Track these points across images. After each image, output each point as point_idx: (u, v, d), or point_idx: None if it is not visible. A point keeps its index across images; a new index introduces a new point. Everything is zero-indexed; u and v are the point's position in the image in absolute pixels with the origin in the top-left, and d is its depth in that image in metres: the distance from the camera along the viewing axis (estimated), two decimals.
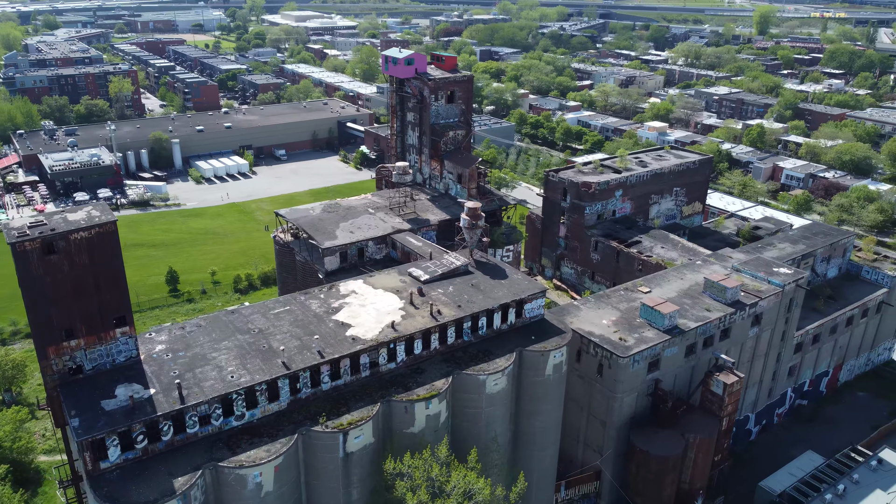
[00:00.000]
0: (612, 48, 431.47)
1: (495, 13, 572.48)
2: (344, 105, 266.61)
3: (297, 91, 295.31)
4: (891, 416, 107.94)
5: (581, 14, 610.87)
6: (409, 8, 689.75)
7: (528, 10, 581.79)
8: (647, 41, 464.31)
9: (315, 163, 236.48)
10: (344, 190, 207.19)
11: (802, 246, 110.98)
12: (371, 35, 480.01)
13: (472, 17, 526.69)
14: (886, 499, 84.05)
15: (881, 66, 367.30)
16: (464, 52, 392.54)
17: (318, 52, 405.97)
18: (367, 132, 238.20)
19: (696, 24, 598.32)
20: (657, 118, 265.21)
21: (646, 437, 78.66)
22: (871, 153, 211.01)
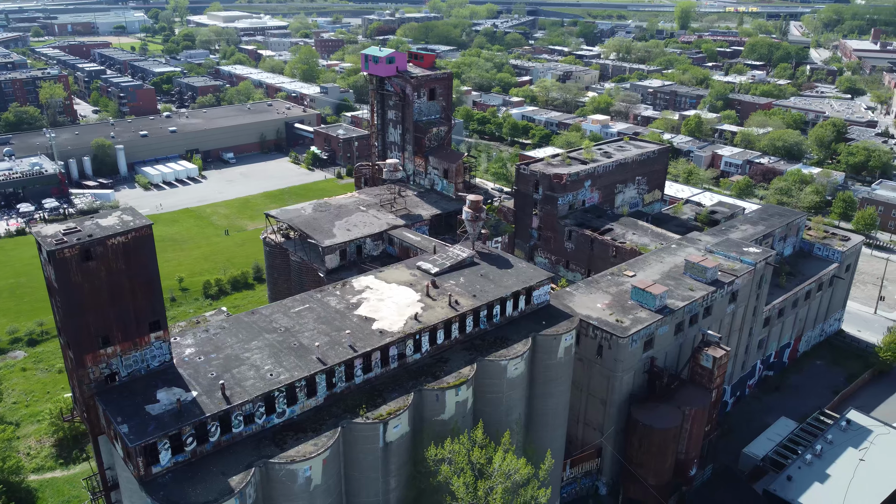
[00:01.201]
0: (545, 44, 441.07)
1: (427, 11, 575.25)
2: (289, 106, 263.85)
3: (237, 93, 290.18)
4: (848, 381, 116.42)
5: (510, 11, 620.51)
6: (338, 7, 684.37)
7: (459, 8, 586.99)
8: (577, 37, 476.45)
9: (265, 165, 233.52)
10: (299, 191, 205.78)
11: (762, 227, 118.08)
12: (304, 35, 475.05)
13: (404, 16, 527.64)
14: (858, 455, 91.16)
15: (797, 57, 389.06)
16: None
17: (252, 53, 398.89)
18: (317, 133, 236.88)
19: (619, 19, 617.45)
20: (598, 111, 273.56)
21: (646, 411, 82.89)
22: (800, 139, 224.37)
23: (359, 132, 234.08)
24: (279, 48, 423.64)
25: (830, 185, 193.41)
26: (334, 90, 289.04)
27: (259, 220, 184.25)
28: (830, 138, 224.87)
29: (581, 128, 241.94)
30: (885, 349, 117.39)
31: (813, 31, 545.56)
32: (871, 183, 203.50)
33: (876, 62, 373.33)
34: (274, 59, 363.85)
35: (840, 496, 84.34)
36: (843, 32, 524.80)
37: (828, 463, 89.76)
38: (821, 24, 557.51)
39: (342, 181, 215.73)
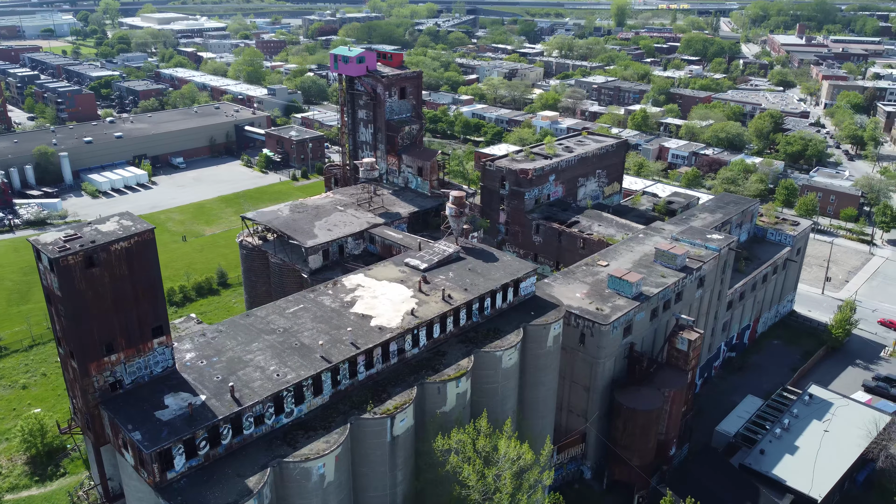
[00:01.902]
0: (489, 42, 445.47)
1: (367, 11, 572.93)
2: (238, 108, 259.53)
3: (181, 96, 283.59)
4: (804, 358, 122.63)
5: (450, 10, 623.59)
6: (276, 7, 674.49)
7: (399, 8, 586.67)
8: (519, 35, 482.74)
9: (216, 169, 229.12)
10: (255, 194, 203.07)
11: (720, 215, 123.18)
12: (243, 36, 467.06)
13: (345, 16, 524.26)
14: (823, 426, 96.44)
15: (730, 52, 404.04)
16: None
17: (191, 56, 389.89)
18: (269, 135, 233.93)
19: (557, 17, 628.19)
20: (546, 108, 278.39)
21: (629, 395, 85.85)
22: (741, 130, 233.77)
23: (312, 133, 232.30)
24: (220, 50, 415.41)
25: (772, 174, 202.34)
26: (282, 91, 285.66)
27: (217, 224, 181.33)
28: (768, 129, 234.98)
29: (532, 124, 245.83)
30: (836, 327, 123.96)
31: (741, 27, 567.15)
32: (809, 171, 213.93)
33: (803, 56, 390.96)
34: (216, 62, 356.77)
35: (810, 465, 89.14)
36: (770, 28, 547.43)
37: (795, 435, 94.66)
38: (748, 20, 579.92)
39: (298, 183, 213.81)
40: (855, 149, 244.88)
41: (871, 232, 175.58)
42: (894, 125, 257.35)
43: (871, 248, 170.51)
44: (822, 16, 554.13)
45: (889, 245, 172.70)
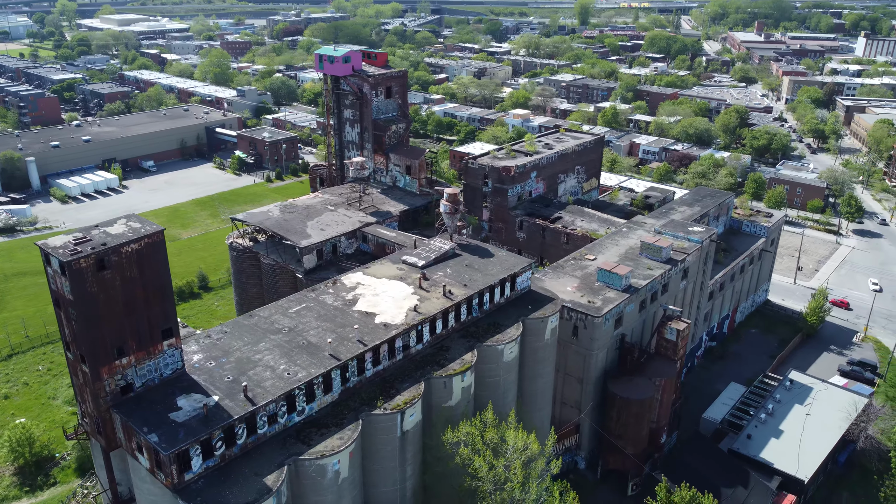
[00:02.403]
0: (456, 42, 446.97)
1: (332, 11, 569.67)
2: (208, 111, 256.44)
3: (148, 99, 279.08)
4: (781, 345, 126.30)
5: (415, 10, 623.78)
6: (238, 8, 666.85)
7: (364, 8, 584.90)
8: (485, 34, 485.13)
9: (188, 172, 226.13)
10: (230, 197, 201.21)
11: (698, 208, 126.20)
12: (207, 37, 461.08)
13: (310, 16, 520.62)
14: (805, 410, 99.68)
15: (692, 49, 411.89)
16: (314, 50, 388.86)
17: (155, 58, 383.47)
18: (241, 136, 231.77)
19: (521, 16, 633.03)
20: (517, 106, 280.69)
21: (622, 385, 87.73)
22: (709, 126, 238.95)
23: (285, 134, 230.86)
24: (184, 51, 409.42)
25: (741, 168, 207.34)
26: (251, 93, 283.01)
27: (193, 227, 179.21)
28: (735, 124, 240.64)
29: (505, 122, 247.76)
30: (810, 314, 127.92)
31: (702, 25, 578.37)
32: (775, 164, 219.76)
33: (763, 52, 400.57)
34: (181, 63, 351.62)
35: (795, 448, 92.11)
36: (729, 25, 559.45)
37: (780, 420, 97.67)
38: (708, 18, 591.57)
39: (273, 184, 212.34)
40: (817, 142, 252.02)
41: (837, 222, 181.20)
42: (853, 119, 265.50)
43: (838, 237, 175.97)
44: (778, 13, 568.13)
45: (854, 235, 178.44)
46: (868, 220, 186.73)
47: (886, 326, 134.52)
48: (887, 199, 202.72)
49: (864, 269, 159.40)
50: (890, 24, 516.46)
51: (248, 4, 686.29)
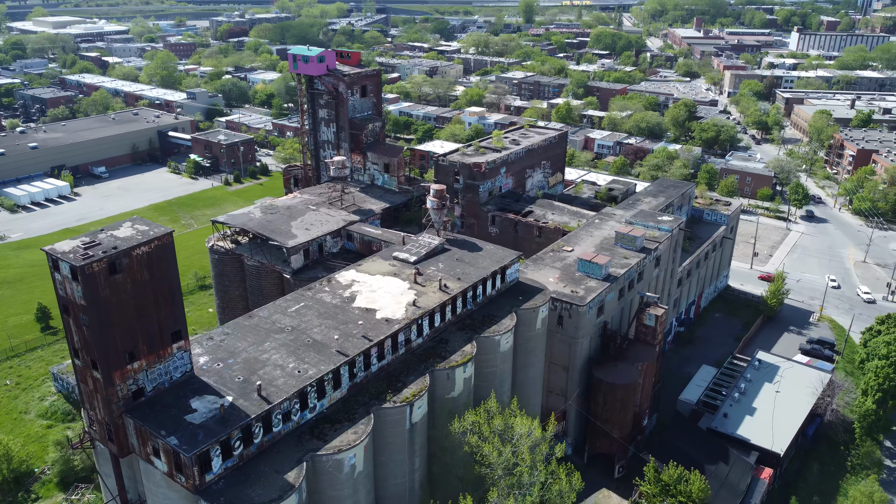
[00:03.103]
0: (405, 41, 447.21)
1: (277, 11, 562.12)
2: (159, 114, 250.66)
3: (94, 103, 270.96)
4: (744, 328, 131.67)
5: (360, 9, 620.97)
6: (178, 9, 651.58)
7: (308, 8, 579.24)
8: (432, 33, 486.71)
9: (142, 177, 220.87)
10: (189, 201, 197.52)
11: (662, 198, 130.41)
12: (148, 39, 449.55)
13: (255, 17, 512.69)
14: (774, 388, 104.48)
15: (636, 45, 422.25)
16: (261, 51, 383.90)
17: (96, 61, 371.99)
18: (196, 140, 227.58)
19: (466, 15, 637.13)
20: (472, 104, 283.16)
21: (607, 371, 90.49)
22: (660, 119, 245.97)
23: (241, 137, 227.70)
24: (125, 54, 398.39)
25: (693, 159, 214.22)
26: (202, 95, 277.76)
27: None
28: (684, 117, 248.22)
29: (461, 120, 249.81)
30: (770, 297, 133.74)
31: (642, 22, 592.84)
32: (724, 155, 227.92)
33: (703, 48, 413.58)
34: (125, 66, 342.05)
35: (768, 424, 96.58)
36: (668, 22, 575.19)
37: (752, 398, 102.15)
38: (648, 15, 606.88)
39: (231, 188, 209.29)
40: (761, 133, 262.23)
41: (786, 209, 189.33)
42: (793, 111, 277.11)
43: (788, 223, 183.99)
44: (714, 10, 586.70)
45: (802, 220, 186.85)
46: (813, 206, 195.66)
47: (839, 307, 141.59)
48: (829, 186, 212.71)
49: (814, 252, 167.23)
50: (819, 19, 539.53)
51: (187, 5, 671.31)
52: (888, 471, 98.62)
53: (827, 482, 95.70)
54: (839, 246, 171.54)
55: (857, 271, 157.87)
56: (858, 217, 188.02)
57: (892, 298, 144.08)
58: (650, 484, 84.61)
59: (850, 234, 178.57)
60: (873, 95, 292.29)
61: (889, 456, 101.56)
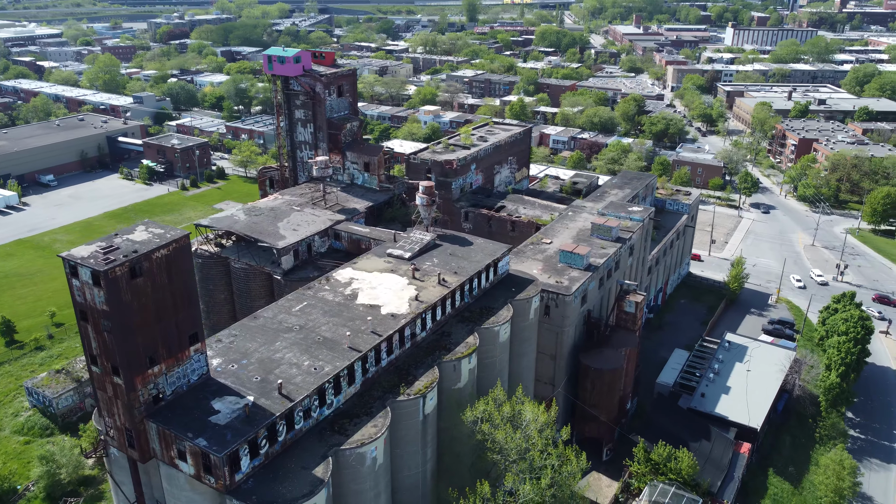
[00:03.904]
0: (351, 41, 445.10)
1: (217, 12, 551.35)
2: (106, 119, 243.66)
3: (34, 109, 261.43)
4: (709, 312, 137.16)
5: (302, 10, 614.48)
6: (111, 11, 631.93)
7: (249, 8, 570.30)
8: (378, 32, 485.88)
9: (93, 185, 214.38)
10: (146, 208, 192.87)
11: (628, 190, 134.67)
12: (84, 43, 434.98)
13: (195, 18, 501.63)
14: (745, 367, 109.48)
15: (580, 42, 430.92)
16: (206, 53, 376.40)
17: (31, 66, 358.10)
18: (148, 145, 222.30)
19: (409, 14, 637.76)
20: (425, 103, 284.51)
21: (593, 357, 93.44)
22: (612, 114, 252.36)
23: (196, 140, 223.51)
24: (61, 58, 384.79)
25: (646, 152, 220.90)
26: (150, 99, 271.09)
27: None
28: (633, 112, 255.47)
29: (418, 119, 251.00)
30: (732, 281, 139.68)
31: (582, 20, 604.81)
32: (674, 147, 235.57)
33: (644, 44, 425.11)
34: (63, 71, 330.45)
35: (743, 401, 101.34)
36: (608, 19, 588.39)
37: (726, 378, 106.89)
38: (587, 12, 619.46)
39: (189, 193, 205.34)
40: (706, 126, 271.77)
41: (737, 198, 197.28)
42: (735, 103, 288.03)
43: (739, 211, 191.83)
44: (651, 7, 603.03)
45: (752, 208, 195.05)
46: (761, 194, 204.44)
47: (793, 288, 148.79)
48: (774, 175, 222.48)
49: (766, 238, 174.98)
50: (749, 14, 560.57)
51: (121, 7, 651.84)
52: (852, 440, 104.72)
53: (799, 453, 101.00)
54: (789, 231, 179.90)
55: (807, 254, 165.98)
56: (803, 203, 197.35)
57: (842, 279, 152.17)
58: (640, 464, 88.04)
59: (798, 219, 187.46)
60: (807, 87, 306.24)
61: (852, 426, 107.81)
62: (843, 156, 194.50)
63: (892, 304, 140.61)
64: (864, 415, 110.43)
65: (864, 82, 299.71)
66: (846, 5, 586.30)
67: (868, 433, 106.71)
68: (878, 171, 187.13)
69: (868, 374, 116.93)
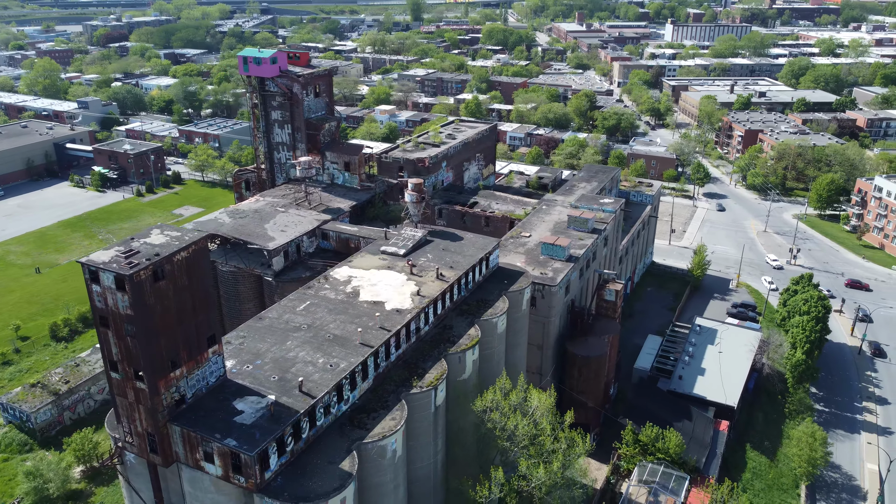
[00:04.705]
0: (298, 42, 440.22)
1: (156, 14, 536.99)
2: (51, 125, 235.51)
3: None
4: (675, 299, 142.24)
5: (243, 10, 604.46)
6: (41, 14, 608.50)
7: (189, 10, 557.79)
8: (324, 32, 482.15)
9: (43, 193, 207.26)
10: (101, 215, 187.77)
11: (595, 183, 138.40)
12: (16, 47, 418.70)
13: (133, 21, 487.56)
14: (717, 349, 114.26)
15: (527, 40, 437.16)
16: (149, 55, 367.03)
17: None
18: (99, 151, 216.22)
19: (352, 14, 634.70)
20: (379, 102, 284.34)
21: (580, 345, 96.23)
22: (566, 110, 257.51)
23: (149, 145, 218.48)
24: None
25: (601, 146, 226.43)
26: (95, 104, 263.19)
27: (69, 251, 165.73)
28: (586, 107, 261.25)
29: (375, 119, 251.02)
30: (695, 268, 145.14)
31: (525, 18, 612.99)
32: (627, 141, 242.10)
33: (588, 41, 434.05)
34: None
35: (718, 381, 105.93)
36: (550, 17, 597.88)
37: (700, 360, 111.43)
38: (530, 10, 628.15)
39: (146, 199, 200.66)
40: (654, 120, 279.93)
41: (691, 188, 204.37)
42: (680, 97, 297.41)
43: (694, 201, 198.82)
44: (592, 4, 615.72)
45: (705, 198, 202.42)
46: (712, 184, 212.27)
47: (751, 273, 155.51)
48: (723, 165, 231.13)
49: (721, 226, 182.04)
50: (686, 11, 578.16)
51: (52, 10, 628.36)
52: (818, 413, 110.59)
53: (771, 428, 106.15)
54: (741, 219, 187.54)
55: (761, 240, 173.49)
56: (753, 192, 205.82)
57: (796, 262, 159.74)
58: (629, 446, 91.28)
59: (750, 207, 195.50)
60: (747, 80, 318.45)
61: (817, 400, 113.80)
62: (788, 145, 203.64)
63: (864, 288, 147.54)
64: (827, 389, 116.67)
65: (800, 75, 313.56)
66: (775, 1, 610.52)
67: (832, 406, 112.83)
68: (821, 159, 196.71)
69: (827, 351, 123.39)
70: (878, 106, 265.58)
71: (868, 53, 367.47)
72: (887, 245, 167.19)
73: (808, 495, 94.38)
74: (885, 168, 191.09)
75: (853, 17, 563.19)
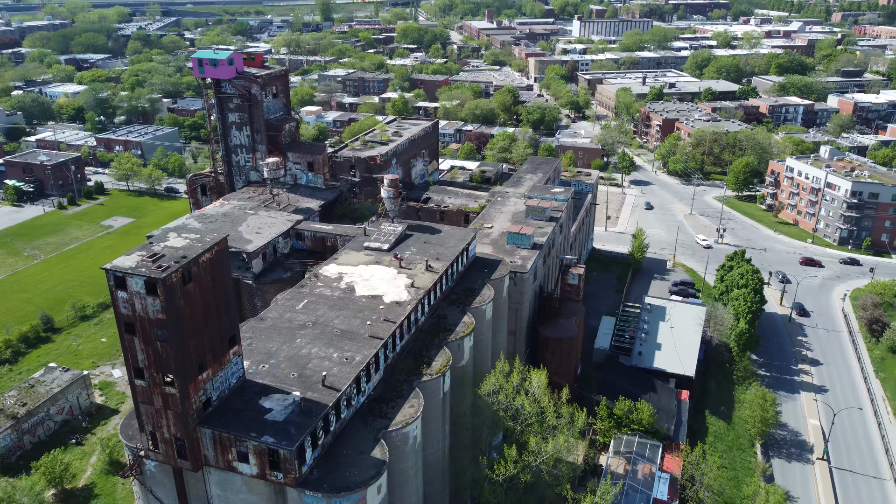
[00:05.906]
0: (208, 44, 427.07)
1: (49, 18, 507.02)
2: None
3: None
4: (620, 281, 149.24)
5: (143, 13, 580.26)
6: None
7: (84, 13, 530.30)
8: (234, 34, 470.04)
9: None
10: (24, 231, 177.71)
11: (540, 174, 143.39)
12: None
13: (24, 25, 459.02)
14: (668, 325, 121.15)
15: (441, 38, 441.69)
16: (49, 62, 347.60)
17: None
18: (10, 163, 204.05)
19: (258, 14, 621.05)
20: (304, 104, 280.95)
21: (551, 328, 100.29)
22: (492, 106, 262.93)
23: (68, 156, 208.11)
24: None
25: (529, 139, 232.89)
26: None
27: None
28: (510, 102, 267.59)
29: (303, 119, 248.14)
30: (636, 251, 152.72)
31: (434, 16, 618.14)
32: (551, 134, 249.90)
33: (501, 38, 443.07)
34: None
35: (675, 354, 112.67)
36: (459, 15, 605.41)
37: (655, 336, 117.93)
38: (438, 9, 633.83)
39: (68, 211, 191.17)
40: (574, 113, 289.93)
41: (618, 177, 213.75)
42: (596, 90, 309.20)
43: (622, 189, 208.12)
44: (499, 2, 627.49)
45: (633, 185, 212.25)
46: (637, 172, 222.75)
47: (684, 253, 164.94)
48: (644, 154, 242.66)
49: (651, 211, 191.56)
50: (588, 7, 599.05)
51: None
52: (761, 378, 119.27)
53: (724, 395, 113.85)
54: (668, 203, 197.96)
55: (688, 223, 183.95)
56: (674, 177, 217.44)
57: (723, 241, 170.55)
58: (603, 420, 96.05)
59: (674, 192, 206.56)
60: (656, 73, 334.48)
61: (759, 366, 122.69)
62: (704, 132, 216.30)
63: (817, 265, 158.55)
64: (766, 356, 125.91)
65: (703, 66, 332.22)
66: None
67: (772, 371, 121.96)
68: (735, 144, 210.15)
69: (762, 320, 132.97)
70: (776, 93, 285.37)
71: (761, 45, 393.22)
72: (801, 221, 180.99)
73: (763, 452, 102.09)
74: (792, 150, 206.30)
75: (742, 11, 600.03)
